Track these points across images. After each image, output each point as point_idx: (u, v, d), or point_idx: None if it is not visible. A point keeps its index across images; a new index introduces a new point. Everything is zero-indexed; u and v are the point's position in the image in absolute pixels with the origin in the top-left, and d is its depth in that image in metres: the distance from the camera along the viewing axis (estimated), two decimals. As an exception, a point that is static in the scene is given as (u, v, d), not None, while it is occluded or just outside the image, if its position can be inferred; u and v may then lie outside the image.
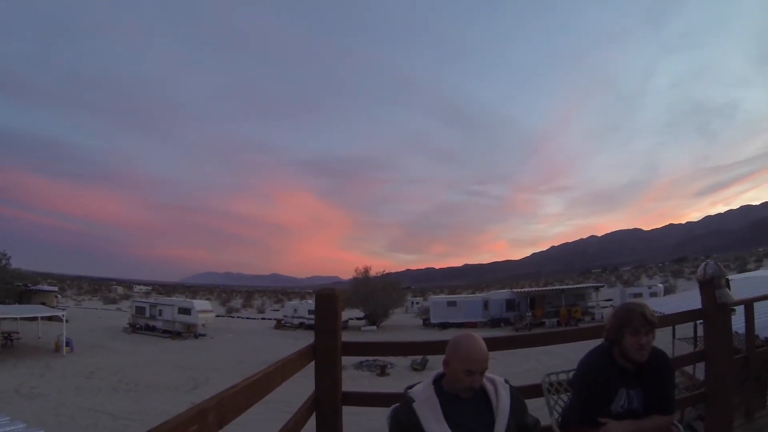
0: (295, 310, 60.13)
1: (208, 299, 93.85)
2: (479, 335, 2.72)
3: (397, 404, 2.73)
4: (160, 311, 48.24)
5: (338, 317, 3.93)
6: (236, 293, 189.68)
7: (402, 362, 29.15)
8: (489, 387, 2.72)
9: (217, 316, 59.47)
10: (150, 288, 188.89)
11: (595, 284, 64.96)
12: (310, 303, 58.31)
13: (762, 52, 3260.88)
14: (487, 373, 2.73)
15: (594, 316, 49.70)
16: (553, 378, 3.76)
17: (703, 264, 4.83)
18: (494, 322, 53.70)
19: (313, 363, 3.80)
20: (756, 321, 6.03)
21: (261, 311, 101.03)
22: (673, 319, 5.24)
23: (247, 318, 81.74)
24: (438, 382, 2.76)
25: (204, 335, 46.68)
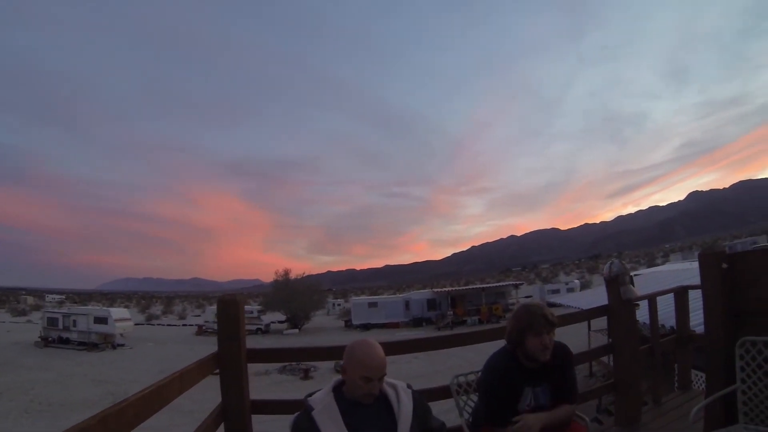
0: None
1: (126, 307, 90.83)
2: (376, 341, 2.74)
3: (299, 412, 2.68)
4: (75, 322, 45.83)
5: (241, 323, 3.86)
6: (156, 299, 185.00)
7: (326, 365, 28.85)
8: (390, 392, 2.71)
9: (136, 324, 57.25)
10: (64, 297, 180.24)
11: (514, 282, 66.90)
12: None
13: (670, 68, 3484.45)
14: (389, 378, 2.73)
15: (515, 313, 50.88)
16: (462, 379, 3.85)
17: (609, 263, 5.14)
18: (416, 322, 54.64)
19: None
20: (661, 312, 6.41)
21: (182, 317, 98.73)
22: (581, 316, 5.50)
23: (167, 325, 79.32)
24: (338, 389, 2.72)
25: (122, 345, 44.83)
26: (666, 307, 7.37)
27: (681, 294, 6.26)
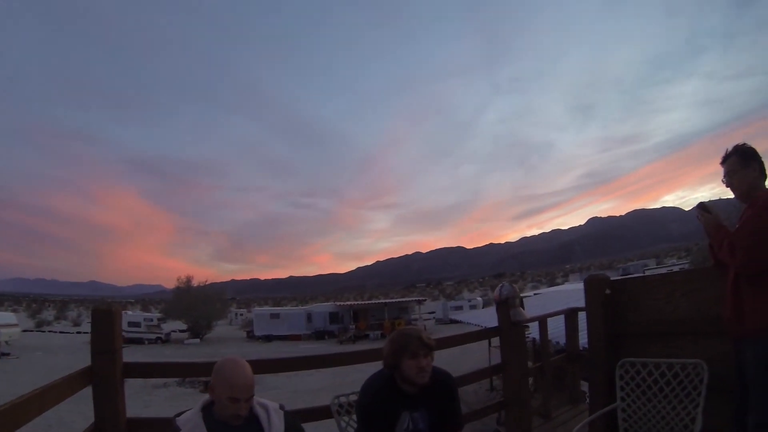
0: (114, 322, 56.29)
1: (14, 311, 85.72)
2: (244, 360, 2.69)
3: None
4: (-47, 328, 42.18)
5: (117, 336, 3.58)
6: (49, 303, 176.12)
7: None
8: (261, 413, 2.67)
9: (24, 330, 53.84)
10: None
11: (418, 298, 67.82)
12: (131, 314, 56.40)
13: (576, 103, 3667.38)
14: (260, 399, 2.71)
15: (417, 328, 51.68)
16: (343, 399, 3.88)
17: (500, 286, 5.36)
18: (318, 335, 54.37)
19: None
20: (557, 330, 6.79)
21: (77, 324, 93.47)
22: (472, 337, 5.68)
23: (60, 332, 74.78)
24: (208, 408, 2.62)
25: (8, 354, 41.05)
26: (560, 326, 7.82)
27: (571, 315, 6.63)
